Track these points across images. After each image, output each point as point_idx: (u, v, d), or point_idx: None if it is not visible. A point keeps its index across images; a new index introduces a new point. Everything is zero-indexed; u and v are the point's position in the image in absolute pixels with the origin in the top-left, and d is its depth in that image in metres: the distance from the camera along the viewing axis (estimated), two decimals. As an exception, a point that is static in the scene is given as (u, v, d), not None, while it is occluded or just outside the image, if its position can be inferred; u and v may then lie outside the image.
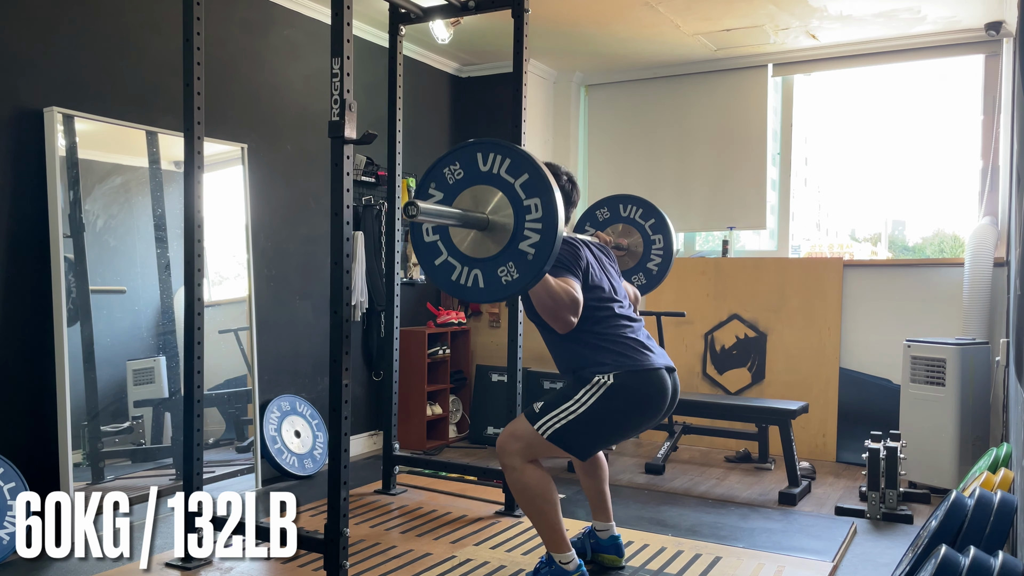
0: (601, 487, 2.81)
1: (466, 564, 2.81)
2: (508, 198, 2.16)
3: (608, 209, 3.42)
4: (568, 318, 2.36)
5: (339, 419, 2.41)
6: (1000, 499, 1.98)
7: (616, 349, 2.45)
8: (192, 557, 2.80)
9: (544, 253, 2.10)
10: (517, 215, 2.15)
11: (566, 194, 2.59)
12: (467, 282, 2.23)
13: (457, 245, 2.24)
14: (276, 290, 4.12)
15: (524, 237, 2.13)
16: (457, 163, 2.24)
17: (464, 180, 2.23)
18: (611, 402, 2.41)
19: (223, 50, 3.80)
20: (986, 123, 4.51)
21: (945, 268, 4.49)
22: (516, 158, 2.16)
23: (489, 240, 2.19)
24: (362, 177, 4.55)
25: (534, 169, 2.14)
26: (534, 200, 2.13)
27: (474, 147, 2.22)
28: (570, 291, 2.35)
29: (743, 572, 2.78)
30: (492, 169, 2.19)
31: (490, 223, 2.19)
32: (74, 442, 3.06)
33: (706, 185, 5.29)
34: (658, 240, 3.34)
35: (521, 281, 2.15)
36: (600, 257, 2.69)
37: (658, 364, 2.48)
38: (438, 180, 2.27)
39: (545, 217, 2.11)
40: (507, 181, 2.17)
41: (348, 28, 2.41)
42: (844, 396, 4.65)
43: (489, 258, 2.19)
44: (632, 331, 2.53)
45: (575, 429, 2.42)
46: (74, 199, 3.14)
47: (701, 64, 5.23)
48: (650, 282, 3.35)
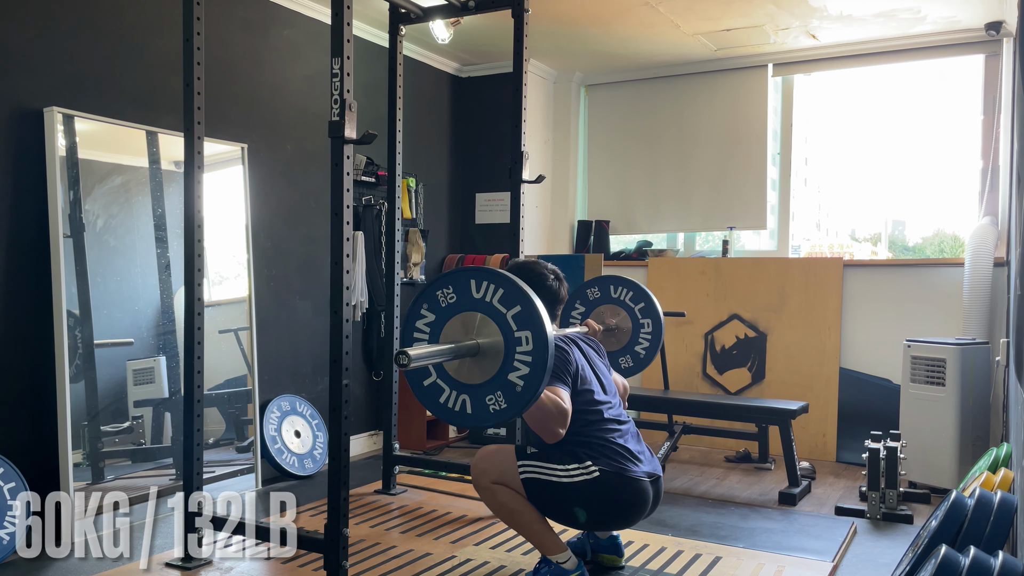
0: None
1: (466, 564, 2.81)
2: (499, 327, 2.16)
3: (599, 289, 3.47)
4: (556, 430, 2.38)
5: (339, 419, 2.41)
6: (1000, 499, 1.98)
7: (604, 454, 2.48)
8: (192, 557, 2.79)
9: (532, 386, 2.11)
10: (508, 345, 2.14)
11: (553, 292, 2.63)
12: (455, 406, 2.22)
13: (447, 369, 2.23)
14: (276, 290, 4.12)
15: (514, 368, 2.13)
16: (450, 287, 2.23)
17: (456, 305, 2.22)
18: (592, 493, 2.44)
19: (223, 50, 3.80)
20: (986, 123, 4.51)
21: (945, 268, 4.49)
22: (509, 289, 2.16)
23: (477, 367, 2.19)
24: (362, 177, 4.55)
25: (526, 302, 2.13)
26: (525, 333, 2.12)
27: (467, 274, 2.22)
28: (559, 403, 2.36)
29: (743, 572, 2.78)
30: (485, 297, 2.18)
31: (480, 349, 2.19)
32: (74, 442, 3.06)
33: (706, 185, 5.29)
34: (647, 324, 3.38)
35: (509, 411, 2.15)
36: (589, 354, 2.71)
37: (641, 475, 2.50)
38: (430, 301, 2.26)
39: (535, 350, 2.11)
40: (499, 311, 2.16)
41: (348, 28, 2.41)
42: (844, 396, 4.65)
43: (478, 385, 2.19)
44: (620, 435, 2.55)
45: (548, 491, 2.46)
46: (74, 199, 3.14)
47: (701, 64, 5.23)
48: (637, 365, 3.40)
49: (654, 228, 5.53)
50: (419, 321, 2.26)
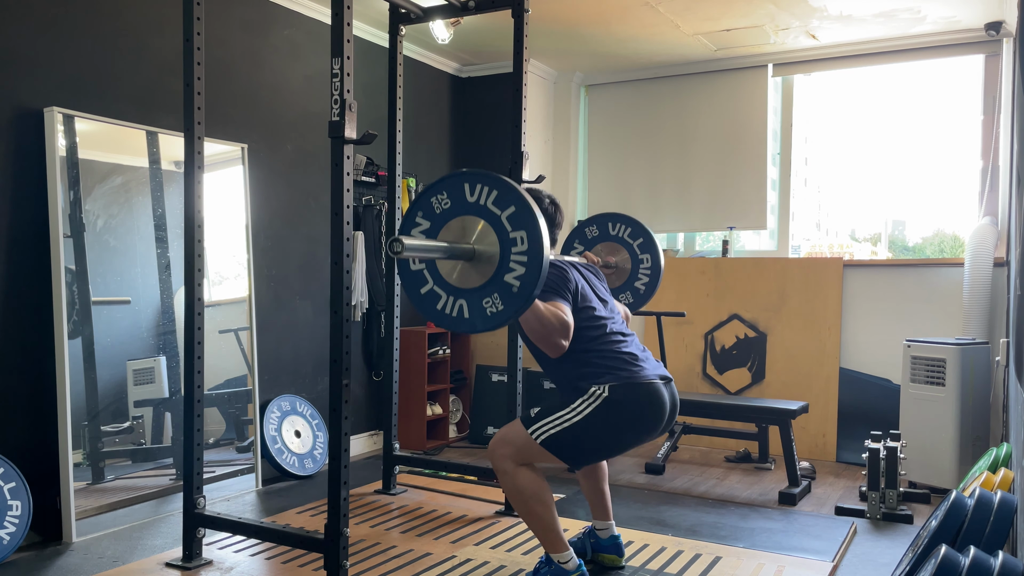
0: (600, 487, 2.81)
1: (466, 564, 2.81)
2: (494, 229, 2.16)
3: (597, 227, 3.45)
4: (559, 342, 2.36)
5: (339, 419, 2.42)
6: (1000, 499, 1.98)
7: (610, 364, 2.46)
8: (192, 557, 2.79)
9: (529, 286, 2.11)
10: (503, 247, 2.15)
11: (549, 217, 2.62)
12: (452, 312, 2.23)
13: (443, 275, 2.24)
14: (276, 290, 4.12)
15: (509, 269, 2.14)
16: (444, 193, 2.24)
17: (451, 210, 2.23)
18: (607, 415, 2.40)
19: (223, 50, 3.80)
20: (986, 123, 4.51)
21: (945, 268, 4.49)
22: (503, 190, 2.17)
23: (475, 271, 2.20)
24: (362, 177, 4.55)
25: (520, 202, 2.14)
26: (520, 233, 2.13)
27: (461, 178, 2.23)
28: (560, 315, 2.35)
29: (743, 572, 2.78)
30: (479, 200, 2.19)
31: (476, 253, 2.19)
32: (74, 442, 3.06)
33: (706, 185, 5.29)
34: (646, 259, 3.37)
35: (506, 313, 2.15)
36: (589, 277, 2.70)
37: (652, 376, 2.48)
38: (425, 209, 2.27)
39: (531, 250, 2.11)
40: (494, 213, 2.17)
41: (348, 28, 2.41)
42: (844, 396, 4.65)
43: (474, 289, 2.19)
44: (626, 345, 2.53)
45: (569, 437, 2.42)
46: (74, 199, 3.14)
47: (701, 64, 5.23)
48: (638, 300, 3.38)
49: (654, 228, 5.50)
50: (414, 229, 2.27)
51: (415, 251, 2.11)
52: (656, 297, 5.07)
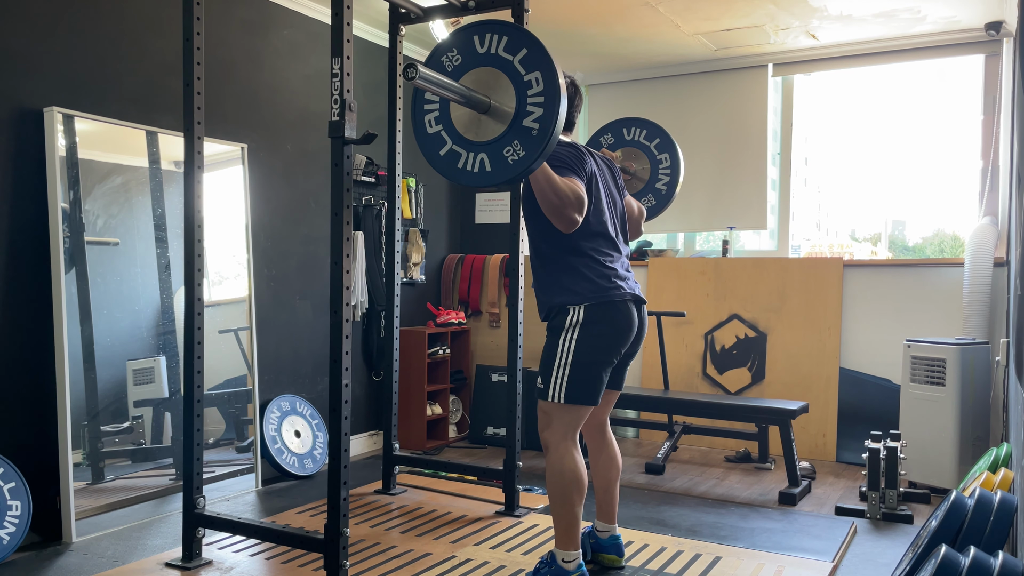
0: (612, 488, 2.81)
1: (466, 564, 2.81)
2: (508, 76, 2.14)
3: (612, 134, 3.40)
4: (572, 215, 2.36)
5: (339, 419, 2.42)
6: (1000, 499, 1.98)
7: (592, 277, 2.51)
8: (192, 557, 2.79)
9: (548, 125, 2.09)
10: (519, 91, 2.13)
11: (570, 97, 2.60)
12: (473, 167, 2.21)
13: (461, 132, 2.22)
14: (276, 290, 4.12)
15: (527, 112, 2.12)
16: (454, 49, 2.22)
17: (463, 65, 2.21)
18: (587, 336, 2.48)
19: (223, 50, 3.80)
20: (986, 123, 4.51)
21: (945, 268, 4.49)
22: (513, 34, 2.15)
23: (492, 121, 2.17)
24: (362, 177, 4.55)
25: (532, 43, 2.13)
26: (534, 74, 2.12)
27: (470, 30, 2.21)
28: (576, 189, 2.36)
29: (743, 572, 2.78)
30: (490, 49, 2.17)
31: (492, 104, 2.17)
32: (74, 442, 3.06)
33: (706, 185, 5.29)
34: (664, 159, 3.32)
35: (528, 159, 2.13)
36: (604, 171, 2.70)
37: (626, 296, 2.54)
38: (436, 67, 2.25)
39: (547, 90, 2.09)
40: (506, 59, 2.15)
41: (348, 28, 2.41)
42: (844, 396, 4.65)
43: (494, 139, 2.17)
44: (612, 259, 2.58)
45: (575, 377, 2.48)
46: (74, 199, 3.14)
47: (701, 64, 5.23)
48: (660, 202, 3.32)
49: (654, 228, 5.53)
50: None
51: (428, 81, 2.07)
52: (656, 297, 5.09)
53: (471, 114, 2.25)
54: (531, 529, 3.20)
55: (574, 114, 2.67)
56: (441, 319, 5.00)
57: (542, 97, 2.11)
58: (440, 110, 2.30)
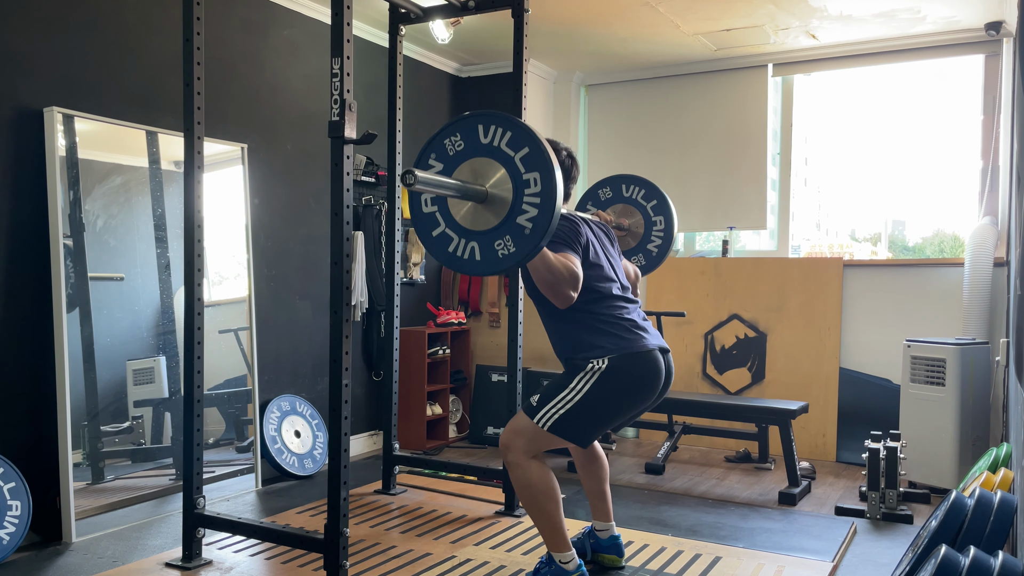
0: (602, 487, 2.81)
1: (466, 564, 2.81)
2: (508, 171, 2.15)
3: (611, 188, 3.42)
4: (568, 293, 2.35)
5: (339, 419, 2.41)
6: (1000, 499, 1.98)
7: (612, 331, 2.47)
8: (192, 557, 2.79)
9: (541, 228, 2.09)
10: (516, 188, 2.14)
11: (565, 170, 2.60)
12: (464, 254, 2.22)
13: (455, 217, 2.22)
14: (276, 290, 4.12)
15: (522, 211, 2.12)
16: (458, 134, 2.23)
17: (464, 152, 2.21)
18: (606, 385, 2.42)
19: (223, 50, 3.80)
20: (986, 123, 4.51)
21: (945, 268, 4.49)
22: (517, 131, 2.15)
23: (487, 213, 2.18)
24: (362, 177, 4.55)
25: (534, 143, 2.13)
26: (533, 174, 2.12)
27: (475, 119, 2.21)
28: (570, 266, 2.35)
29: (743, 572, 2.78)
30: (493, 141, 2.18)
31: (489, 196, 2.18)
32: (74, 442, 3.06)
33: (706, 185, 5.29)
34: (659, 222, 3.33)
35: (517, 255, 2.14)
36: (600, 236, 2.70)
37: (651, 345, 2.50)
38: (438, 151, 2.26)
39: (544, 192, 2.10)
40: (507, 154, 2.15)
41: (348, 28, 2.41)
42: (844, 396, 4.65)
43: (487, 231, 2.18)
44: (628, 312, 2.55)
45: (573, 417, 2.42)
46: (74, 199, 3.14)
47: (701, 64, 5.23)
48: (650, 263, 3.34)
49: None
50: (428, 171, 2.25)
51: (427, 184, 2.08)
52: (656, 297, 5.09)
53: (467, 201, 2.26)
54: (531, 529, 3.20)
55: (571, 186, 2.68)
56: (441, 319, 5.00)
57: (538, 198, 2.11)
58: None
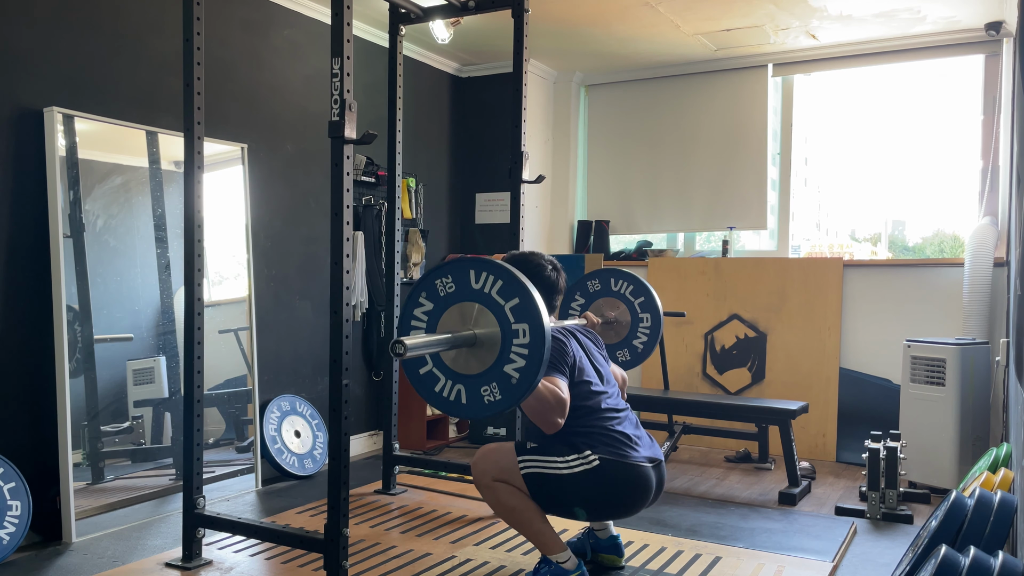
0: None
1: (466, 564, 2.81)
2: (497, 319, 2.15)
3: (599, 281, 3.49)
4: (555, 420, 2.37)
5: (339, 419, 2.41)
6: (1000, 499, 1.98)
7: (603, 441, 2.49)
8: (192, 557, 2.79)
9: (528, 379, 2.10)
10: (504, 337, 2.14)
11: (551, 284, 2.65)
12: (450, 395, 2.22)
13: (443, 358, 2.23)
14: (276, 290, 4.12)
15: (510, 360, 2.13)
16: (449, 276, 2.23)
17: (455, 295, 2.22)
18: (593, 483, 2.44)
19: (223, 50, 3.80)
20: (986, 123, 4.51)
21: (945, 268, 4.49)
22: (508, 281, 2.16)
23: (475, 357, 2.19)
24: (362, 177, 4.55)
25: (524, 294, 2.13)
26: (523, 325, 2.12)
27: (467, 264, 2.22)
28: (557, 393, 2.36)
29: (743, 572, 2.78)
30: (483, 288, 2.18)
31: (477, 340, 2.18)
32: (74, 442, 3.06)
33: (706, 185, 5.29)
34: (646, 319, 3.39)
35: (503, 403, 2.15)
36: (587, 345, 2.72)
37: (641, 459, 2.51)
38: (429, 291, 2.26)
39: (532, 343, 2.10)
40: (497, 303, 2.16)
41: (348, 28, 2.41)
42: (844, 396, 4.65)
43: (473, 375, 2.19)
44: (619, 423, 2.56)
45: (550, 485, 2.45)
46: (74, 199, 3.14)
47: (701, 64, 5.23)
48: (634, 359, 3.41)
49: (654, 228, 5.53)
50: (417, 310, 2.27)
51: (418, 350, 2.09)
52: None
53: None
54: (531, 529, 3.20)
55: (556, 298, 2.70)
56: (441, 319, 5.00)
57: (526, 349, 2.11)
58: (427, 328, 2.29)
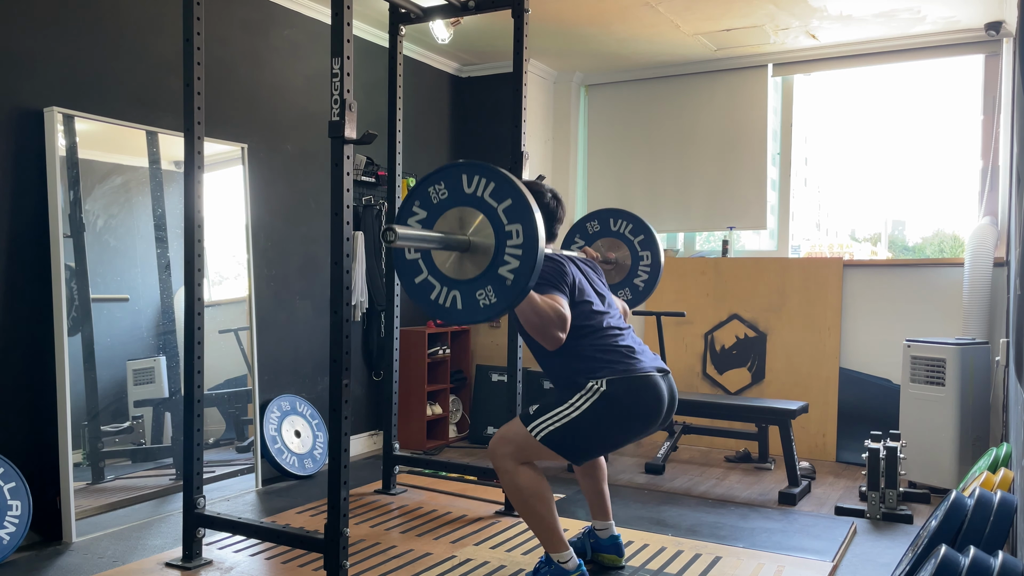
0: (600, 486, 2.81)
1: (466, 564, 2.81)
2: (490, 222, 2.16)
3: (598, 222, 3.45)
4: (556, 334, 2.35)
5: (339, 419, 2.41)
6: (1000, 499, 1.98)
7: (607, 358, 2.46)
8: (192, 557, 2.79)
9: (523, 279, 2.11)
10: (498, 239, 2.14)
11: (551, 212, 2.63)
12: (445, 302, 2.23)
13: (438, 265, 2.24)
14: (276, 290, 4.12)
15: (504, 262, 2.13)
16: (442, 183, 2.24)
17: (448, 200, 2.23)
18: (606, 409, 2.40)
19: (223, 50, 3.80)
20: (986, 123, 4.51)
21: (945, 268, 4.49)
22: (500, 183, 2.16)
23: (469, 262, 2.20)
24: (362, 177, 4.55)
25: (517, 195, 2.14)
26: (516, 226, 2.12)
27: (459, 169, 2.23)
28: (556, 307, 2.35)
29: (743, 572, 2.78)
30: (476, 192, 2.19)
31: (471, 245, 2.19)
32: (74, 442, 3.06)
33: (706, 185, 5.29)
34: (646, 256, 3.36)
35: (499, 306, 2.15)
36: (587, 272, 2.70)
37: (648, 369, 2.48)
38: (422, 199, 2.27)
39: (526, 244, 2.11)
40: (490, 205, 2.16)
41: (348, 28, 2.41)
42: (844, 396, 4.65)
43: (468, 280, 2.19)
44: (622, 338, 2.54)
45: (569, 433, 2.41)
46: (74, 199, 3.14)
47: (701, 64, 5.23)
48: (636, 297, 3.38)
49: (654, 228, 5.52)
50: (411, 218, 2.28)
51: (409, 240, 2.11)
52: (656, 297, 5.09)
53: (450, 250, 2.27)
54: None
55: (556, 226, 2.69)
56: (441, 319, 5.00)
57: (520, 250, 2.11)
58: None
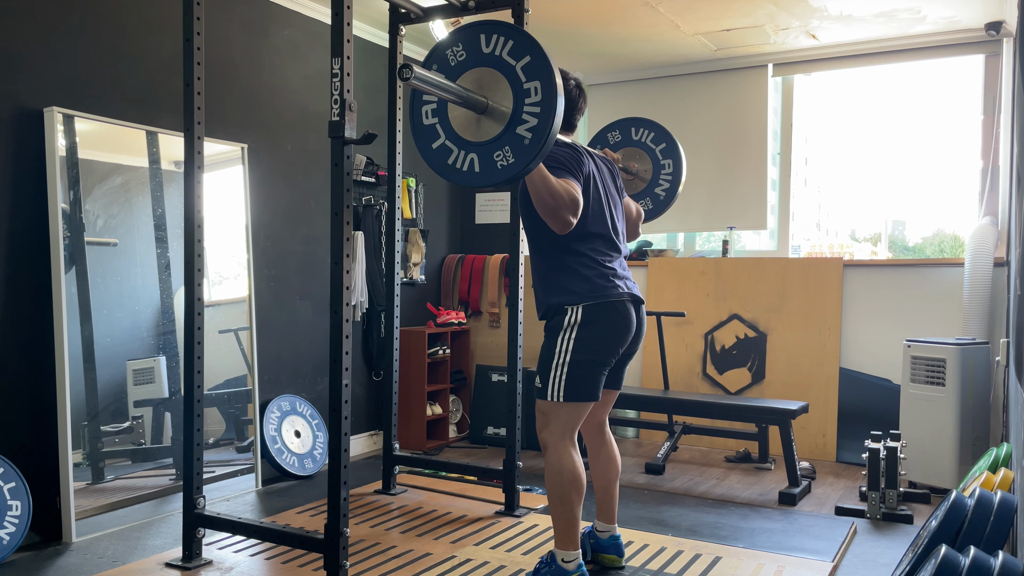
0: (611, 488, 2.81)
1: (466, 564, 2.81)
2: (508, 81, 2.15)
3: (620, 132, 3.39)
4: (567, 217, 2.36)
5: (339, 419, 2.42)
6: (1000, 499, 1.98)
7: (589, 276, 2.51)
8: (192, 557, 2.79)
9: (540, 137, 2.09)
10: (517, 97, 2.13)
11: (572, 99, 2.62)
12: (463, 166, 2.22)
13: (455, 128, 2.23)
14: (276, 290, 4.12)
15: (522, 120, 2.12)
16: (460, 44, 2.23)
17: (466, 62, 2.21)
18: (586, 332, 2.48)
19: (223, 50, 3.80)
20: (986, 123, 4.51)
21: (945, 268, 4.49)
22: (519, 40, 2.15)
23: (487, 124, 2.18)
24: (362, 177, 4.55)
25: (536, 52, 2.13)
26: (534, 83, 2.12)
27: (478, 28, 2.21)
28: (571, 190, 2.36)
29: (743, 572, 2.78)
30: (495, 51, 2.18)
31: (489, 107, 2.18)
32: (74, 442, 3.06)
33: (706, 185, 5.29)
34: (668, 165, 3.31)
35: (516, 166, 2.14)
36: (604, 172, 2.70)
37: (624, 296, 2.55)
38: (440, 62, 2.25)
39: (544, 100, 2.10)
40: (508, 64, 2.15)
41: (348, 28, 2.41)
42: (844, 396, 4.65)
43: (486, 142, 2.18)
44: (610, 260, 2.59)
45: (575, 374, 2.48)
46: (74, 199, 3.14)
47: (701, 64, 5.23)
48: (656, 207, 3.31)
49: (654, 228, 5.53)
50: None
51: (424, 82, 2.07)
52: (656, 297, 5.09)
53: (467, 113, 2.26)
54: (531, 529, 3.20)
55: (576, 116, 2.67)
56: (441, 319, 5.00)
57: (538, 108, 2.11)
58: (438, 103, 2.31)
